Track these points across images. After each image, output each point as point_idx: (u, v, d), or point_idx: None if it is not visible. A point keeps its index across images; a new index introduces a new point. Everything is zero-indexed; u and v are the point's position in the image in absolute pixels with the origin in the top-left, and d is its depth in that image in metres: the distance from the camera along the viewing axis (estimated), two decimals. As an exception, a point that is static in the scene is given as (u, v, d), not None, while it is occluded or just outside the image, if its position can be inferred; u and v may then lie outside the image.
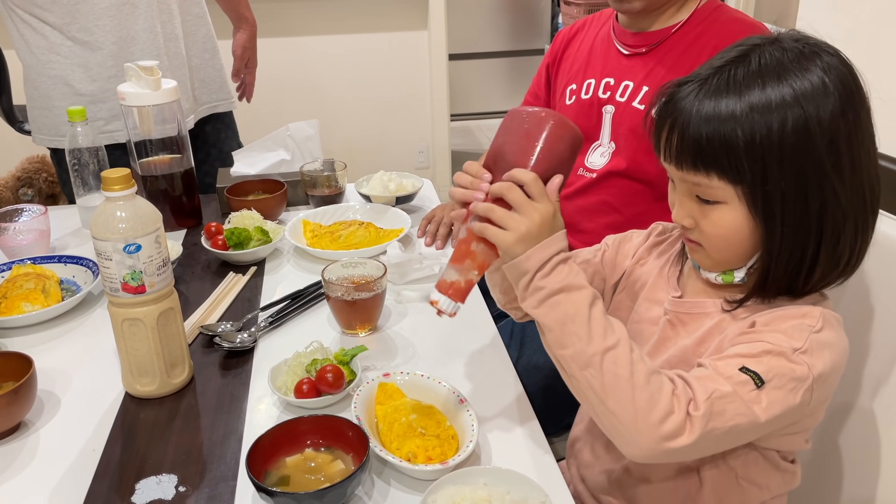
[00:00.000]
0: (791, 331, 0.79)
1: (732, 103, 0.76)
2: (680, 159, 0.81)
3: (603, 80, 1.40)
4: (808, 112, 0.75)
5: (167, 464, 0.90)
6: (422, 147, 3.81)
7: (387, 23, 3.51)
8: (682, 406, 0.75)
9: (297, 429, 0.88)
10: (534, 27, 4.93)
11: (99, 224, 0.93)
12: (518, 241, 0.82)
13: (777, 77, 0.77)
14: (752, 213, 0.79)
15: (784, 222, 0.78)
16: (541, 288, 0.81)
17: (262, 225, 1.42)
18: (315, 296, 1.26)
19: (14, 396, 0.92)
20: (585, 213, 1.45)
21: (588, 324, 0.79)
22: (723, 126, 0.76)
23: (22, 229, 1.38)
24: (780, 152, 0.75)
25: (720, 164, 0.78)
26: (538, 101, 1.60)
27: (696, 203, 0.83)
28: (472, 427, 0.89)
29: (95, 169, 1.48)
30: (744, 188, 0.78)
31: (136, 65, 1.41)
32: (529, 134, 0.85)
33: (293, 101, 3.56)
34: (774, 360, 0.77)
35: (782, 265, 0.81)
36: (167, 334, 1.00)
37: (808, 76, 0.76)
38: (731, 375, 0.77)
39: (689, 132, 0.78)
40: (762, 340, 0.79)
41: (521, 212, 0.82)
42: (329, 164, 1.63)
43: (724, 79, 0.78)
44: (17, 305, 1.19)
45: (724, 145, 0.76)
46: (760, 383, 0.76)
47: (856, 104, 0.78)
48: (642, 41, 1.37)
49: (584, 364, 0.78)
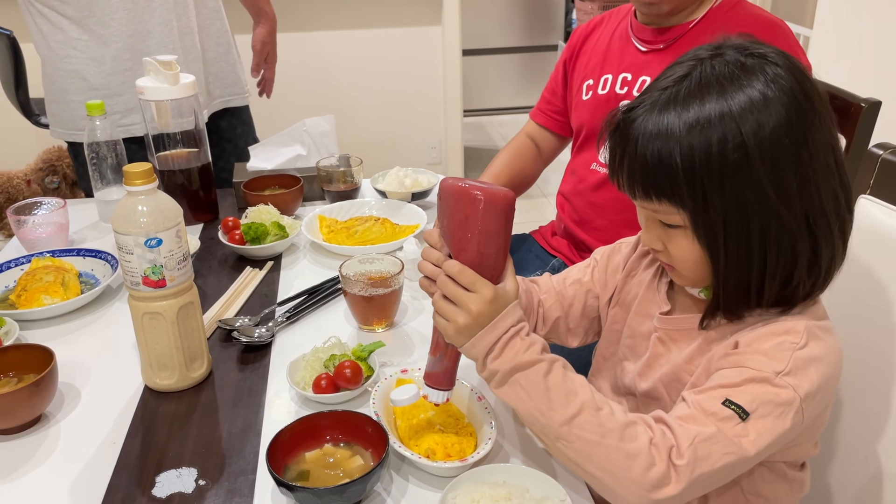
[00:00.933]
0: (773, 351, 0.77)
1: (673, 121, 0.75)
2: (632, 188, 0.80)
3: (620, 76, 1.40)
4: (745, 129, 0.72)
5: (187, 457, 0.91)
6: (434, 143, 3.81)
7: (401, 18, 3.51)
8: (662, 456, 0.73)
9: (316, 424, 0.88)
10: (547, 23, 4.92)
11: (120, 218, 0.94)
12: (458, 332, 0.81)
13: (715, 92, 0.74)
14: (696, 239, 0.78)
15: (727, 248, 0.77)
16: (494, 371, 0.80)
17: (278, 220, 1.42)
18: (331, 291, 1.27)
19: (35, 388, 0.93)
20: (599, 209, 1.45)
21: (547, 396, 0.78)
22: (664, 145, 0.75)
23: (41, 222, 1.39)
24: (719, 175, 0.73)
25: (666, 191, 0.76)
26: (555, 97, 1.60)
27: (660, 227, 0.82)
28: (490, 424, 0.89)
29: (114, 163, 1.49)
30: (688, 214, 0.77)
31: (154, 59, 1.41)
32: (458, 219, 0.81)
33: (308, 96, 3.56)
34: (757, 387, 0.75)
35: (730, 288, 0.79)
36: (186, 328, 1.00)
37: (747, 90, 0.74)
38: (715, 412, 0.75)
39: (637, 159, 0.77)
40: (744, 366, 0.77)
41: (458, 304, 0.81)
42: (345, 159, 1.63)
43: (666, 97, 0.77)
44: (37, 298, 1.19)
45: (666, 170, 0.75)
46: (745, 416, 0.74)
47: (807, 115, 0.75)
48: (660, 37, 1.36)
49: (554, 437, 0.77)
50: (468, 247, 0.81)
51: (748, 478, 0.86)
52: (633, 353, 0.96)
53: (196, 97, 1.47)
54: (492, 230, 0.80)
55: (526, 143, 1.66)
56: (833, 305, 0.85)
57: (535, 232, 1.69)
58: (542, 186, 3.74)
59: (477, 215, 0.79)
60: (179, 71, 1.44)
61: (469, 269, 0.80)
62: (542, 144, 1.66)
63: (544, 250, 1.61)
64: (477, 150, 4.44)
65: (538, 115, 1.65)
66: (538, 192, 3.77)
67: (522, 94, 5.03)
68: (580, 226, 1.51)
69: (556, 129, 1.62)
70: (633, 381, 0.94)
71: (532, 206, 3.63)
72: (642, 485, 0.73)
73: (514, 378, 0.79)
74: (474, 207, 0.79)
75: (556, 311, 1.02)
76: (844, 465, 1.03)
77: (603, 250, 1.06)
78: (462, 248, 0.81)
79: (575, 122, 1.54)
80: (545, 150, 1.66)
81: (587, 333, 1.05)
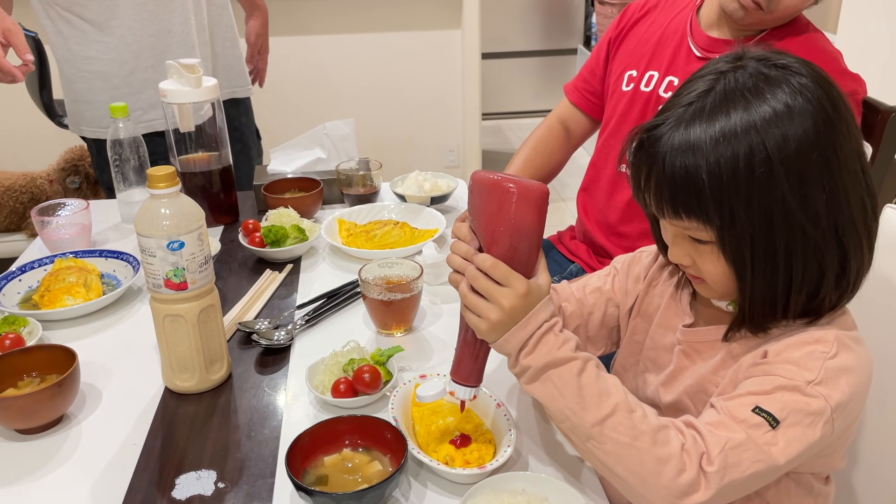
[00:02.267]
0: (803, 360, 0.76)
1: (699, 136, 0.74)
2: (660, 206, 0.79)
3: (667, 78, 1.35)
4: (769, 143, 0.72)
5: (206, 459, 0.91)
6: (452, 146, 3.81)
7: (421, 22, 3.51)
8: (693, 462, 0.73)
9: (335, 428, 0.88)
10: (567, 27, 4.90)
11: (143, 221, 0.94)
12: (491, 329, 0.80)
13: (740, 106, 0.74)
14: (723, 255, 0.77)
15: (753, 264, 0.76)
16: (527, 367, 0.80)
17: (298, 223, 1.43)
18: (350, 295, 1.27)
19: (58, 389, 0.94)
20: (626, 214, 1.42)
21: (579, 395, 0.77)
22: (691, 161, 0.74)
23: (64, 223, 1.40)
24: (746, 191, 0.73)
25: (694, 208, 0.75)
26: (594, 77, 1.53)
27: (689, 243, 0.81)
28: (509, 431, 0.89)
29: (136, 165, 1.50)
30: (714, 231, 0.76)
31: (177, 62, 1.42)
32: (489, 211, 0.80)
33: (328, 98, 3.58)
34: (788, 395, 0.74)
35: (756, 304, 0.79)
36: (207, 331, 1.01)
37: (771, 102, 0.73)
38: (745, 419, 0.74)
39: (664, 176, 0.76)
40: (774, 374, 0.76)
41: (490, 299, 0.80)
42: (364, 163, 1.64)
43: (691, 112, 0.76)
44: (60, 298, 1.21)
45: (693, 187, 0.74)
46: (775, 424, 0.73)
47: (834, 125, 0.74)
48: (718, 47, 1.30)
49: (584, 437, 0.77)
50: (500, 241, 0.79)
51: (774, 491, 0.85)
52: (655, 365, 0.95)
53: (219, 100, 1.48)
54: (525, 224, 0.79)
55: (554, 129, 1.60)
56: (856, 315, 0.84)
57: (554, 236, 1.68)
58: (559, 191, 3.72)
59: (510, 208, 0.78)
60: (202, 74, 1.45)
61: (502, 263, 0.80)
62: (573, 127, 1.59)
63: (563, 255, 1.60)
64: (495, 154, 4.44)
65: (572, 93, 1.58)
66: (556, 196, 3.75)
67: (541, 97, 5.02)
68: (601, 230, 1.49)
69: (589, 111, 1.56)
70: (655, 392, 0.93)
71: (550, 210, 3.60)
72: (672, 490, 0.72)
73: (546, 375, 0.79)
74: (507, 200, 0.78)
75: (576, 318, 1.02)
76: (868, 480, 1.01)
77: (623, 258, 1.05)
78: (494, 242, 0.80)
79: (608, 108, 1.48)
80: (575, 134, 1.60)
81: (606, 343, 1.04)
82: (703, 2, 1.36)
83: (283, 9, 3.32)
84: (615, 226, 1.45)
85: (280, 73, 2.91)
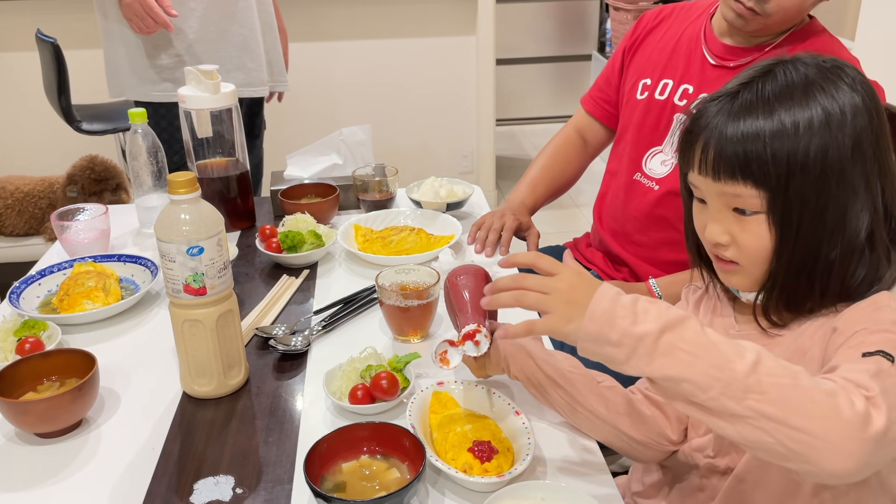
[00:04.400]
0: (877, 315, 0.77)
1: (761, 108, 0.79)
2: (717, 169, 0.81)
3: (681, 86, 1.36)
4: (830, 109, 0.77)
5: (224, 465, 0.91)
6: (466, 152, 3.81)
7: (436, 28, 3.52)
8: (854, 391, 0.66)
9: (354, 435, 0.88)
10: (581, 33, 4.89)
11: (163, 226, 0.95)
12: (563, 316, 0.75)
13: (800, 88, 0.79)
14: (770, 219, 0.80)
15: (799, 229, 0.79)
16: (642, 337, 0.69)
17: (315, 228, 1.43)
18: (366, 301, 1.27)
19: (78, 393, 0.94)
20: (640, 223, 1.42)
21: (718, 350, 0.68)
22: (752, 126, 0.78)
23: (83, 228, 1.41)
24: (804, 154, 0.77)
25: (752, 170, 0.78)
26: (609, 86, 1.54)
27: (732, 217, 0.83)
28: (527, 440, 0.88)
29: (154, 170, 1.51)
30: (768, 194, 0.79)
31: (196, 68, 1.43)
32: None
33: (345, 104, 3.59)
34: (880, 336, 0.73)
35: (793, 272, 0.81)
36: (225, 336, 1.01)
37: (830, 87, 0.79)
38: (863, 362, 0.70)
39: (726, 139, 0.79)
40: (858, 331, 0.75)
41: (546, 290, 0.77)
42: (380, 168, 1.64)
43: (753, 90, 0.80)
44: (79, 303, 1.21)
45: (754, 148, 0.78)
46: (892, 358, 0.70)
47: (883, 120, 0.80)
48: (732, 55, 1.31)
49: (742, 392, 0.66)
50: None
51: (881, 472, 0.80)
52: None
53: (236, 106, 1.49)
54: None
55: (570, 138, 1.61)
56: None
57: (569, 243, 1.67)
58: (574, 197, 3.71)
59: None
60: (221, 80, 1.45)
61: (543, 254, 0.82)
62: (590, 137, 1.60)
63: (579, 263, 1.59)
64: (509, 160, 4.43)
65: (588, 102, 1.60)
66: (570, 203, 3.74)
67: (556, 103, 5.01)
68: (617, 238, 1.48)
69: (605, 120, 1.57)
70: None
71: (565, 217, 3.61)
72: (856, 423, 0.64)
73: (667, 342, 0.69)
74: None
75: None
76: None
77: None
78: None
79: (623, 117, 1.49)
80: (592, 143, 1.61)
81: None
82: (716, 10, 1.36)
83: (299, 15, 3.34)
84: (631, 234, 1.45)
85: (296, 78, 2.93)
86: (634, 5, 3.74)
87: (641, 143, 1.42)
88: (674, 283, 1.36)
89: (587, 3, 4.82)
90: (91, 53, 2.94)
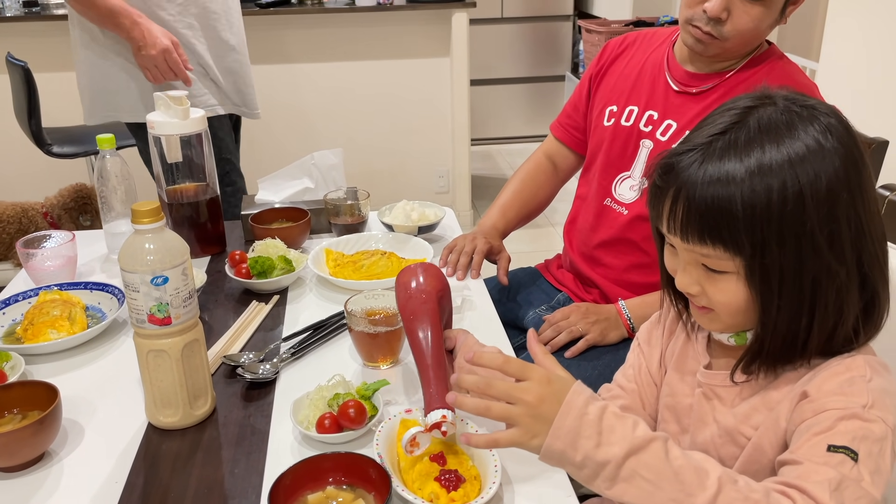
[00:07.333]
0: (846, 388, 0.75)
1: (734, 167, 0.75)
2: (686, 231, 0.79)
3: (646, 113, 1.38)
4: (802, 178, 0.73)
5: (189, 498, 0.90)
6: (442, 171, 3.82)
7: (410, 50, 3.55)
8: None
9: (319, 466, 0.87)
10: (555, 54, 4.96)
11: (127, 256, 0.94)
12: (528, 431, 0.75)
13: (774, 140, 0.75)
14: (749, 285, 0.78)
15: (780, 296, 0.77)
16: (604, 463, 0.71)
17: (285, 254, 1.42)
18: (337, 326, 1.26)
19: (39, 427, 0.93)
20: (609, 248, 1.43)
21: (678, 480, 0.70)
22: (725, 191, 0.75)
23: (49, 255, 1.40)
24: (779, 223, 0.74)
25: (723, 236, 0.76)
26: (577, 112, 1.57)
27: (702, 271, 0.81)
28: (494, 468, 0.88)
29: (122, 196, 1.50)
30: (743, 260, 0.77)
31: (165, 94, 1.43)
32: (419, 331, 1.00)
33: (317, 126, 3.59)
34: (850, 424, 0.72)
35: (778, 336, 0.79)
36: (191, 366, 1.00)
37: (804, 139, 0.75)
38: (826, 460, 0.71)
39: (695, 202, 0.77)
40: (826, 409, 0.74)
41: (513, 401, 0.76)
42: (352, 192, 1.64)
43: (726, 142, 0.77)
44: (44, 332, 1.20)
45: (726, 216, 0.75)
46: (855, 456, 0.70)
47: (859, 166, 0.76)
48: (694, 81, 1.33)
49: None
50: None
51: None
52: (675, 413, 0.94)
53: (206, 132, 1.49)
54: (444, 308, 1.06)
55: (540, 163, 1.64)
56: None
57: (541, 265, 1.68)
58: (549, 216, 3.74)
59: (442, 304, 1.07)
60: (190, 106, 1.45)
61: (511, 357, 0.79)
62: (560, 162, 1.63)
63: (550, 284, 1.60)
64: (485, 179, 4.46)
65: (557, 129, 1.63)
66: (545, 222, 3.77)
67: (531, 123, 5.07)
68: (587, 261, 1.50)
69: (574, 146, 1.59)
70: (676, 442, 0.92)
71: (539, 236, 3.63)
72: None
73: (630, 468, 0.70)
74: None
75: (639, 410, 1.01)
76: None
77: (643, 329, 1.05)
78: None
79: (592, 143, 1.51)
80: (562, 168, 1.64)
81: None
82: (678, 37, 1.38)
83: (271, 38, 3.35)
84: (601, 258, 1.46)
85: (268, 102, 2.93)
86: (606, 27, 3.79)
87: (610, 168, 1.44)
88: (643, 304, 1.38)
89: (560, 24, 4.89)
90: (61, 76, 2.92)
